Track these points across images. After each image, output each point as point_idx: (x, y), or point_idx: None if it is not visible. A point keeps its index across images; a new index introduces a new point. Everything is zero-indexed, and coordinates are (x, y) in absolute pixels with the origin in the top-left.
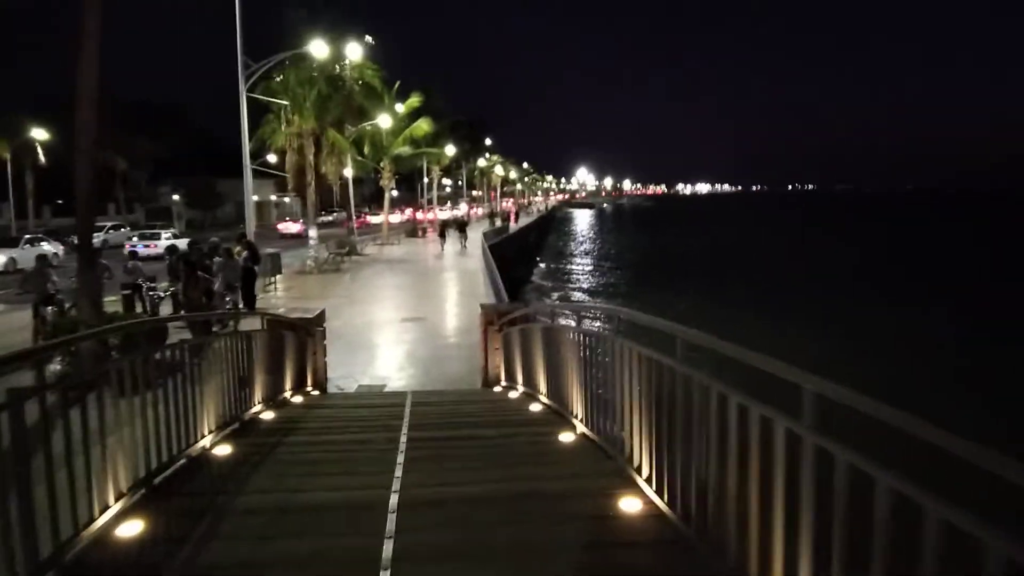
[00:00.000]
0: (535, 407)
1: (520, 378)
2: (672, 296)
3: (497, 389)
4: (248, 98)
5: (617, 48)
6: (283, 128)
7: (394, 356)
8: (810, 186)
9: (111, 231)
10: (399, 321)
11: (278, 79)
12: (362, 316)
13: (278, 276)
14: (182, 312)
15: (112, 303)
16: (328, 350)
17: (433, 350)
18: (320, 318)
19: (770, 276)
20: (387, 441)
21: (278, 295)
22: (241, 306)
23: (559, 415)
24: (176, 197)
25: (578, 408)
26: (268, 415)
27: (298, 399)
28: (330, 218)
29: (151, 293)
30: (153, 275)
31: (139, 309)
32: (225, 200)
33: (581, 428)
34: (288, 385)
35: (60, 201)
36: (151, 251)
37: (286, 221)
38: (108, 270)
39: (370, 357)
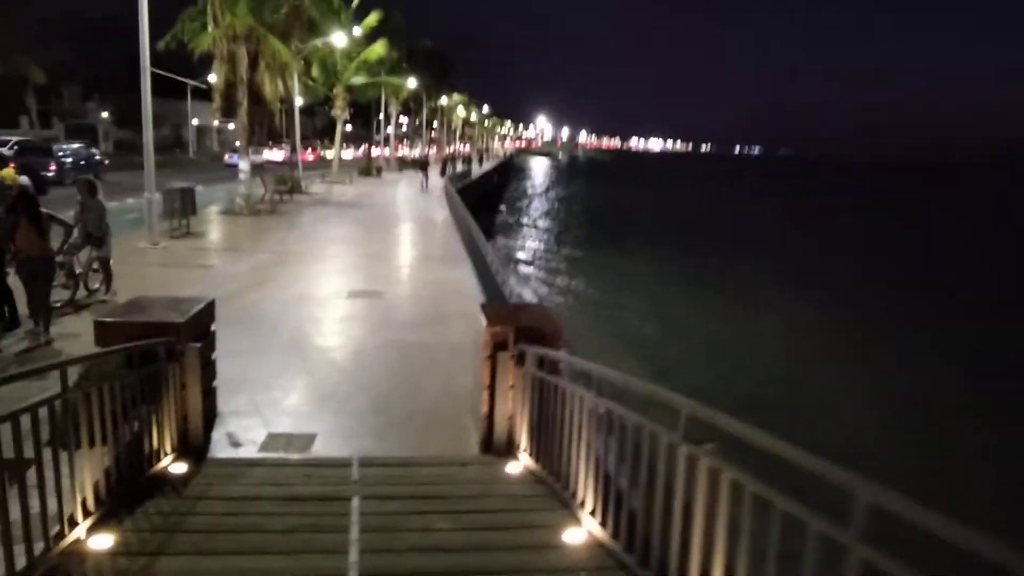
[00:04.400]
0: None
1: (582, 485)
2: (646, 261)
3: (513, 470)
4: None
5: None
6: (210, 27)
7: (334, 368)
8: (756, 148)
9: (14, 148)
10: (345, 296)
11: None
12: (293, 285)
13: (191, 218)
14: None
15: None
16: (232, 350)
17: (395, 356)
18: (202, 318)
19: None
20: None
21: (180, 246)
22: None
23: None
24: (105, 115)
25: None
26: None
27: (101, 543)
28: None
29: None
30: None
31: None
32: (162, 121)
33: None
34: (88, 499)
35: None
36: None
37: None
38: None
39: (295, 367)
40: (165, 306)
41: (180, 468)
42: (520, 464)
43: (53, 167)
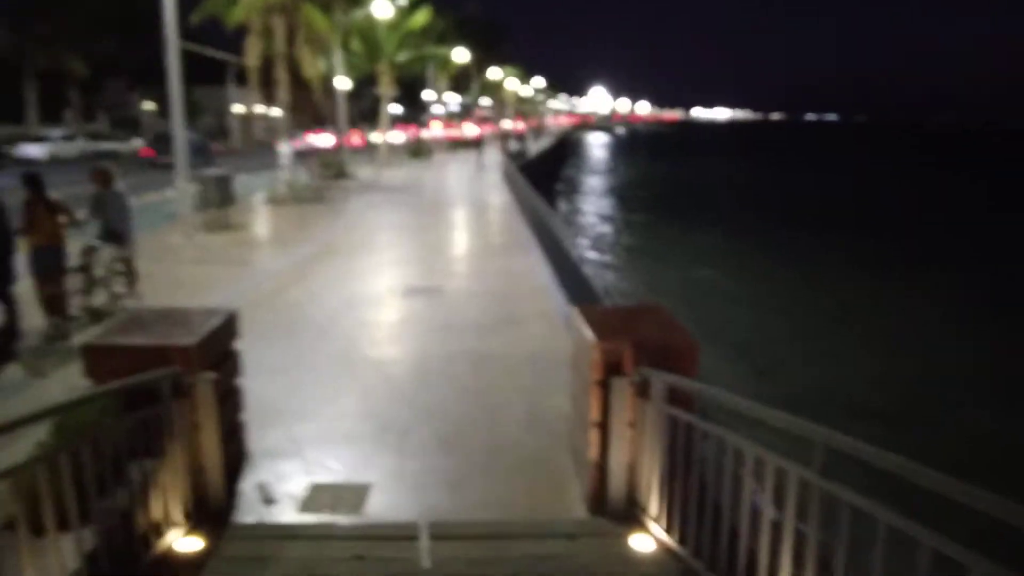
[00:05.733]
0: None
1: None
2: (718, 242)
3: (642, 547)
4: None
5: None
6: None
7: (391, 388)
8: (832, 116)
9: (61, 142)
10: (400, 295)
11: None
12: (341, 282)
13: (229, 209)
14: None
15: None
16: (270, 367)
17: (465, 369)
18: (221, 337)
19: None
20: None
21: (217, 240)
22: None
23: None
24: (150, 105)
25: None
26: None
27: None
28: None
29: None
30: None
31: None
32: (203, 110)
33: None
34: None
35: None
36: None
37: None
38: None
39: (344, 388)
40: (172, 322)
41: (192, 544)
42: (650, 538)
43: None
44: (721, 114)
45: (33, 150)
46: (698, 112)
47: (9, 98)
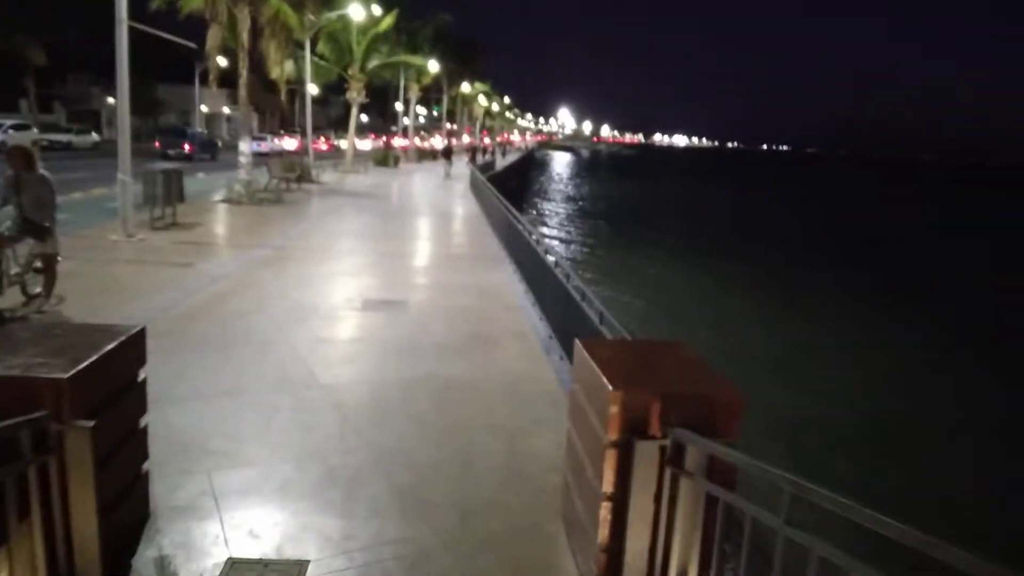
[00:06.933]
0: None
1: None
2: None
3: None
4: None
5: None
6: None
7: (340, 422)
8: (784, 147)
9: (11, 132)
10: (358, 308)
11: None
12: (292, 291)
13: (178, 206)
14: None
15: None
16: (195, 391)
17: (429, 401)
18: (114, 366)
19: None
20: None
21: (161, 239)
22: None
23: None
24: (111, 100)
25: None
26: None
27: None
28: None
29: None
30: None
31: None
32: (167, 108)
33: None
34: None
35: None
36: None
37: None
38: None
39: (283, 422)
40: (55, 343)
41: None
42: None
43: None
44: (680, 141)
45: None
46: (658, 138)
47: None
